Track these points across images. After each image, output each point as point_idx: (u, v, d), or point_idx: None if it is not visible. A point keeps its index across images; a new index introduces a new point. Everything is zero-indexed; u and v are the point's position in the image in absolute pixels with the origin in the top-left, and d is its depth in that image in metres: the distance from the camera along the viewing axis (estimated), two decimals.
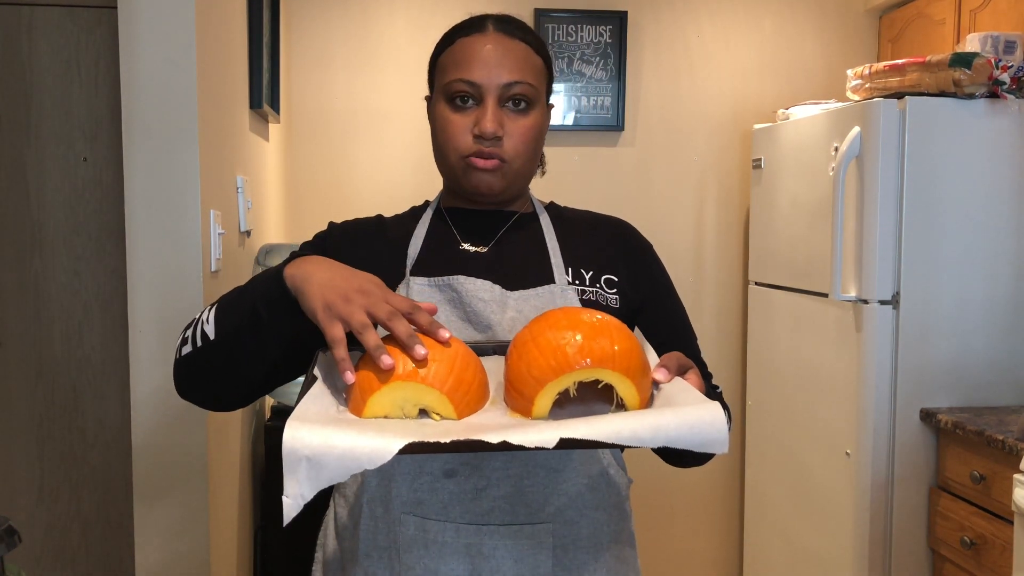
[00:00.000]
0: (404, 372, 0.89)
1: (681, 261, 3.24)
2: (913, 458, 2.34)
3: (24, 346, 1.85)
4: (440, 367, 0.89)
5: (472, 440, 0.79)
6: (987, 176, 2.33)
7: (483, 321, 1.09)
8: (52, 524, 1.88)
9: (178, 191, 1.66)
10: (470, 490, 1.05)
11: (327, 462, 0.78)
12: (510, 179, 1.15)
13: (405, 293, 1.11)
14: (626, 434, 0.79)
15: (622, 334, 0.91)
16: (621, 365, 0.88)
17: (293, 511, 0.79)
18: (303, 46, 3.05)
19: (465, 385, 0.90)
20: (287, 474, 0.79)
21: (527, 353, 0.90)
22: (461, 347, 0.94)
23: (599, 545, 1.10)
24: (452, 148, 1.13)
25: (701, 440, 0.80)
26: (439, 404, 0.89)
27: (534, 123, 1.14)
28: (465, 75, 1.12)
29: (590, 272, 1.16)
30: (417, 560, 1.05)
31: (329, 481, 0.79)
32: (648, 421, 0.81)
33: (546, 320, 0.93)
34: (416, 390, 0.89)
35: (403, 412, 0.90)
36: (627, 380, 0.88)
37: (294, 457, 0.78)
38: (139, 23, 1.63)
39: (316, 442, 0.78)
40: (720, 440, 0.80)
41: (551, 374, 0.88)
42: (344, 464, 0.78)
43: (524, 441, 0.78)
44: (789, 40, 3.23)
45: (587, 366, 0.87)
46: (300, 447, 0.78)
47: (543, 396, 0.88)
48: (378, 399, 0.89)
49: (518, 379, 0.90)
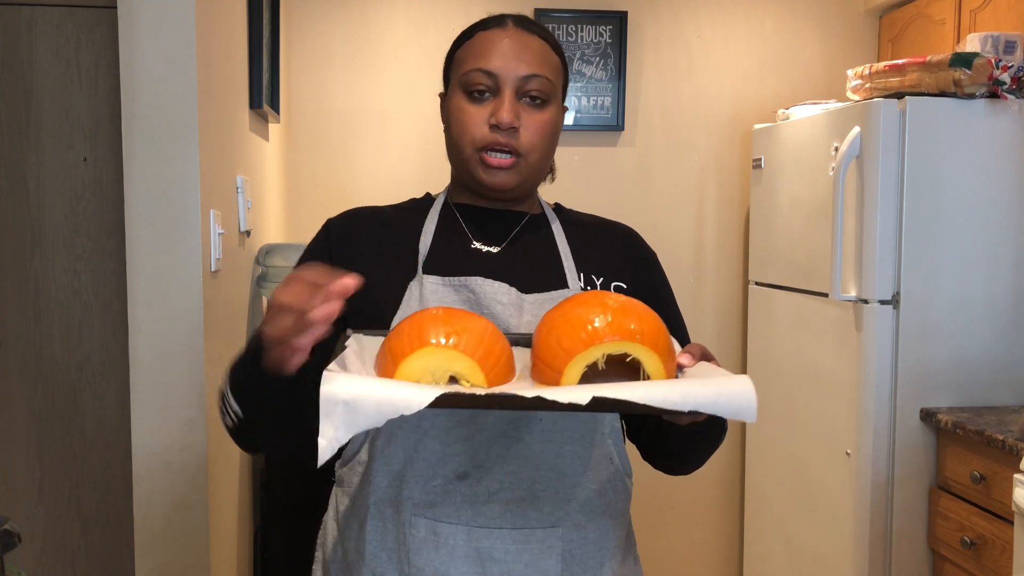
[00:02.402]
0: (436, 340, 0.89)
1: (681, 261, 3.24)
2: (913, 458, 2.34)
3: (24, 346, 1.85)
4: (471, 336, 0.90)
5: (506, 394, 0.80)
6: (987, 176, 2.33)
7: (501, 324, 1.09)
8: (52, 524, 1.88)
9: (178, 191, 1.66)
10: (482, 493, 1.05)
11: (364, 406, 0.79)
12: (524, 175, 1.14)
13: (418, 291, 1.10)
14: (658, 397, 0.80)
15: (650, 314, 0.93)
16: (650, 340, 0.89)
17: (328, 453, 0.79)
18: (303, 46, 3.05)
19: (495, 356, 0.91)
20: (323, 417, 0.79)
21: (556, 327, 0.91)
22: (490, 324, 0.95)
23: (605, 549, 1.10)
24: (468, 139, 1.13)
25: (730, 407, 0.81)
26: (470, 371, 0.90)
27: (550, 118, 1.14)
28: (483, 65, 1.11)
29: (600, 278, 1.16)
30: (427, 562, 1.05)
31: (365, 425, 0.79)
32: (679, 387, 0.82)
33: (575, 299, 0.95)
34: (447, 356, 0.89)
35: (433, 378, 0.90)
36: (655, 355, 0.89)
37: (332, 400, 0.79)
38: (139, 23, 1.63)
39: (354, 387, 0.80)
40: (749, 408, 0.81)
41: (580, 346, 0.89)
42: (380, 409, 0.79)
43: (558, 397, 0.79)
44: (789, 40, 3.23)
45: (616, 338, 0.88)
46: (338, 390, 0.79)
47: (572, 367, 0.89)
48: (409, 364, 0.89)
49: (547, 352, 0.91)
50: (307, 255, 1.18)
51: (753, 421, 0.81)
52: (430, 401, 0.79)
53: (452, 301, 1.10)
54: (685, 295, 3.22)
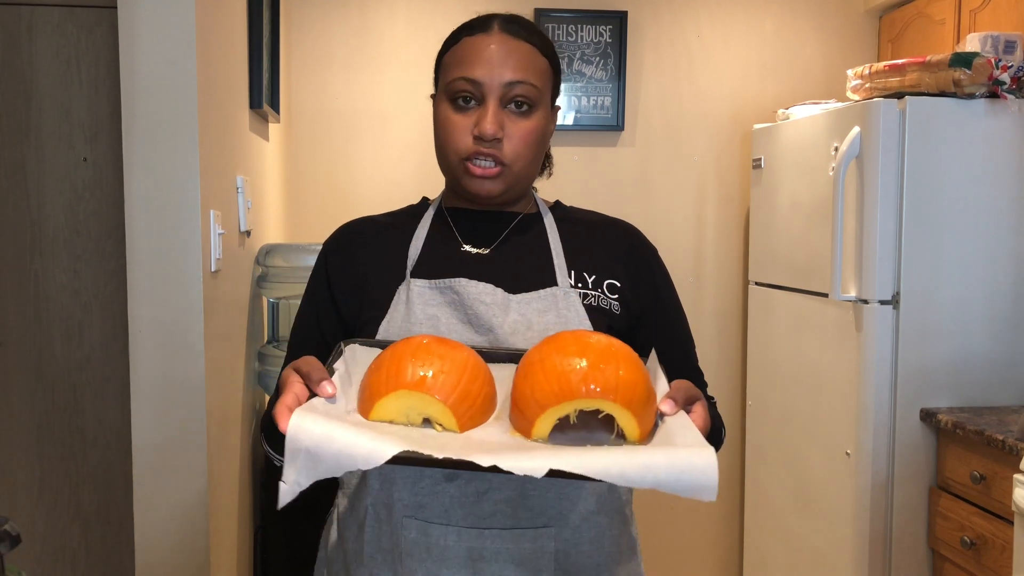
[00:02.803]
0: (412, 381, 0.90)
1: (681, 261, 3.24)
2: (913, 458, 2.34)
3: (24, 346, 1.85)
4: (448, 379, 0.91)
5: (462, 460, 0.81)
6: (987, 176, 2.33)
7: (484, 324, 1.09)
8: (52, 524, 1.88)
9: (178, 191, 1.66)
10: (472, 494, 1.05)
11: (325, 456, 0.81)
12: (509, 183, 1.14)
13: (405, 295, 1.11)
14: (615, 472, 0.80)
15: (629, 363, 0.91)
16: (623, 397, 0.88)
17: (288, 496, 0.82)
18: (303, 46, 3.05)
19: (471, 399, 0.92)
20: (287, 461, 0.81)
21: (532, 375, 0.91)
22: (472, 358, 0.95)
23: (601, 549, 1.09)
24: (452, 149, 1.13)
25: (690, 485, 0.80)
26: (442, 416, 0.91)
27: (536, 126, 1.13)
28: (467, 73, 1.11)
29: (593, 276, 1.16)
30: (419, 564, 1.05)
31: (325, 474, 0.81)
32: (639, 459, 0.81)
33: (555, 342, 0.94)
34: (421, 400, 0.91)
35: (408, 419, 0.91)
36: (627, 412, 0.88)
37: (295, 446, 0.81)
38: (139, 23, 1.63)
39: (317, 434, 0.81)
40: (709, 487, 0.80)
41: (553, 399, 0.89)
42: (339, 461, 0.81)
43: (513, 468, 0.80)
44: (789, 40, 3.23)
45: (589, 394, 0.88)
46: (302, 437, 0.81)
47: (543, 420, 0.89)
48: (385, 404, 0.91)
49: (521, 400, 0.91)
50: (309, 284, 1.21)
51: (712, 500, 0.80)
52: (387, 459, 0.80)
53: (437, 303, 1.10)
54: (685, 295, 3.22)
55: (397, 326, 1.09)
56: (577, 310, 1.11)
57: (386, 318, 1.10)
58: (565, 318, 1.10)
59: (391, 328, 1.09)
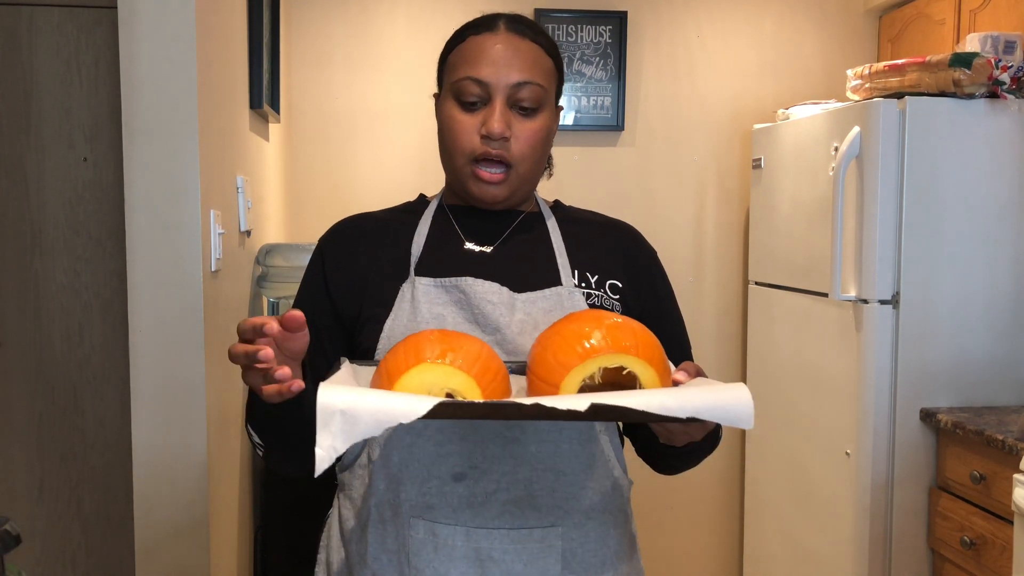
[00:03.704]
0: (432, 356, 0.89)
1: (681, 261, 3.24)
2: (913, 458, 2.34)
3: (24, 346, 1.85)
4: (467, 354, 0.91)
5: (505, 402, 0.80)
6: (987, 176, 2.33)
7: (491, 323, 1.09)
8: (52, 524, 1.88)
9: (178, 191, 1.66)
10: (479, 494, 1.05)
11: (362, 415, 0.79)
12: (515, 186, 1.14)
13: (410, 293, 1.11)
14: (655, 404, 0.81)
15: (644, 330, 0.94)
16: (645, 354, 0.90)
17: (326, 463, 0.80)
18: (303, 46, 3.05)
19: (491, 372, 0.91)
20: (320, 427, 0.79)
21: (552, 344, 0.92)
22: (485, 344, 0.95)
23: (606, 547, 1.10)
24: (459, 149, 1.13)
25: (727, 414, 0.82)
26: (466, 387, 0.89)
27: (542, 126, 1.14)
28: (474, 73, 1.11)
29: (595, 276, 1.16)
30: (426, 564, 1.05)
31: (363, 434, 0.79)
32: (676, 395, 0.83)
33: (570, 317, 0.96)
34: (444, 372, 0.89)
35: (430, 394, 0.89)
36: (650, 368, 0.90)
37: (329, 410, 0.79)
38: (139, 23, 1.63)
39: (351, 397, 0.80)
40: (747, 415, 0.82)
41: (576, 359, 0.89)
42: (377, 418, 0.79)
43: (556, 404, 0.80)
44: (789, 40, 3.23)
45: (613, 348, 0.89)
46: (335, 400, 0.79)
47: (569, 380, 0.89)
48: (406, 381, 0.89)
49: (543, 368, 0.91)
50: (305, 279, 1.20)
51: (750, 428, 0.81)
52: (427, 410, 0.78)
53: (443, 302, 1.10)
54: (685, 295, 3.22)
55: (403, 324, 1.09)
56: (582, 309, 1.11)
57: (391, 316, 1.10)
58: None
59: (396, 326, 1.09)
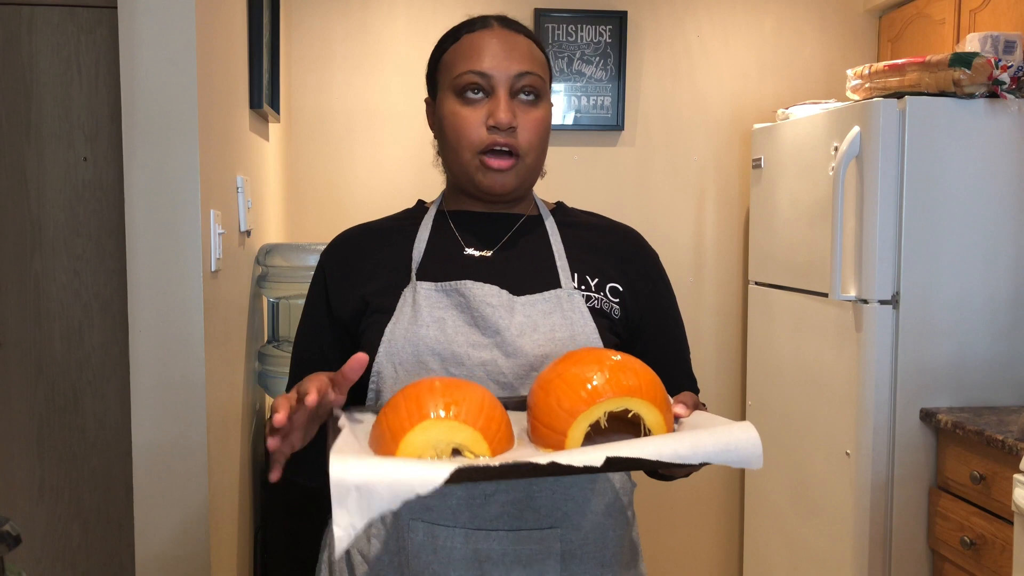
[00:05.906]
0: (435, 412, 0.88)
1: (681, 261, 3.24)
2: (913, 458, 2.34)
3: (24, 346, 1.85)
4: (470, 406, 0.89)
5: (521, 463, 0.79)
6: (987, 176, 2.33)
7: (491, 326, 1.09)
8: (52, 524, 1.88)
9: (178, 191, 1.66)
10: (478, 496, 1.05)
11: (378, 490, 0.77)
12: (522, 176, 1.15)
13: (411, 298, 1.11)
14: (667, 452, 0.81)
15: (644, 369, 0.93)
16: (649, 394, 0.90)
17: (346, 542, 0.77)
18: (303, 46, 3.05)
19: (496, 422, 0.90)
20: (336, 504, 0.77)
21: (555, 389, 0.91)
22: (486, 391, 0.93)
23: (605, 550, 1.10)
24: (466, 143, 1.13)
25: (739, 456, 0.83)
26: (473, 442, 0.88)
27: (544, 115, 1.15)
28: (475, 66, 1.12)
29: (595, 279, 1.16)
30: (425, 566, 1.05)
31: (380, 510, 0.77)
32: (687, 440, 0.83)
33: (569, 359, 0.95)
34: (449, 428, 0.87)
35: (437, 452, 0.88)
36: (655, 409, 0.90)
37: (344, 486, 0.77)
38: (139, 23, 1.63)
39: (365, 471, 0.77)
40: (756, 456, 0.83)
41: (582, 405, 0.88)
42: (394, 491, 0.77)
43: (572, 461, 0.79)
44: (789, 40, 3.23)
45: (618, 392, 0.89)
46: (349, 476, 0.77)
47: (576, 428, 0.89)
48: (411, 440, 0.87)
49: (547, 415, 0.90)
50: (308, 300, 1.21)
51: (759, 467, 0.83)
52: (446, 478, 0.77)
53: (444, 306, 1.10)
54: (685, 295, 3.22)
55: (404, 328, 1.09)
56: (581, 312, 1.11)
57: (392, 320, 1.10)
58: (570, 320, 1.10)
59: (397, 330, 1.09)
